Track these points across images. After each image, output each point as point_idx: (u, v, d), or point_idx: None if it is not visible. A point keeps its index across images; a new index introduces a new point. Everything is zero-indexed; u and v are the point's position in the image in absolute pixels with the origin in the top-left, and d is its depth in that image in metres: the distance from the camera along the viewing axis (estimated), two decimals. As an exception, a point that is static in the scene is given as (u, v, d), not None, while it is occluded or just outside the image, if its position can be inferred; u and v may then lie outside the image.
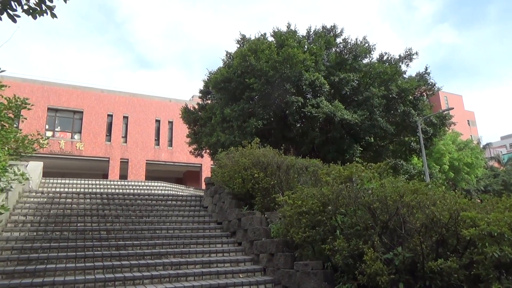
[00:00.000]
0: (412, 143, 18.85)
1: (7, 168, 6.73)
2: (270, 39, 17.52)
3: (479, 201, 5.45)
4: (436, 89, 18.16)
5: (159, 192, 15.57)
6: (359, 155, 15.85)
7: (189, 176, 35.18)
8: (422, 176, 21.04)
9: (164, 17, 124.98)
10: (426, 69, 18.13)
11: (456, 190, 5.73)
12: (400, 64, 18.03)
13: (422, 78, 17.93)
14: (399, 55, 18.25)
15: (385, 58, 18.40)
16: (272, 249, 6.54)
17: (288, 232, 6.39)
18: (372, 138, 16.33)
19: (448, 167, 31.94)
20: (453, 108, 23.77)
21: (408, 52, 18.14)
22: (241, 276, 6.43)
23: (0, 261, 5.78)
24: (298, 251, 6.23)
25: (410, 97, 17.12)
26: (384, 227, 5.35)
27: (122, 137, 30.78)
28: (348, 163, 7.77)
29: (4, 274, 5.40)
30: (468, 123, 60.97)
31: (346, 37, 17.88)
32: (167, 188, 17.27)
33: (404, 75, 18.00)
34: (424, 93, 18.33)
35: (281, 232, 6.79)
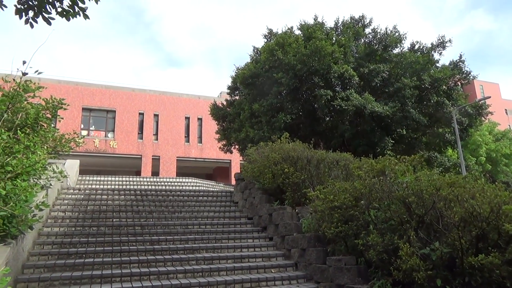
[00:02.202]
0: (447, 134, 18.19)
1: (47, 166, 7.01)
2: (297, 32, 17.35)
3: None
4: (471, 77, 17.42)
5: (190, 188, 15.80)
6: (391, 148, 15.47)
7: (219, 172, 35.54)
8: (457, 168, 20.30)
9: (191, 16, 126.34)
10: (461, 57, 17.43)
11: (496, 183, 5.47)
12: (432, 52, 17.42)
13: (456, 66, 17.24)
14: (432, 44, 17.63)
15: (416, 47, 17.84)
16: (303, 244, 6.50)
17: (319, 227, 6.32)
18: (404, 130, 15.88)
19: (485, 158, 30.71)
20: (489, 97, 22.71)
21: (441, 40, 17.49)
22: (273, 271, 6.43)
23: (42, 255, 6.03)
24: (331, 246, 6.16)
25: (444, 86, 16.52)
26: (420, 222, 5.19)
27: (153, 134, 31.46)
28: (380, 156, 7.58)
29: (46, 268, 5.64)
30: (506, 112, 58.22)
31: (375, 27, 17.45)
32: (197, 184, 17.51)
33: (437, 64, 17.38)
34: (458, 82, 17.62)
35: (312, 227, 6.73)
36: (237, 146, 18.98)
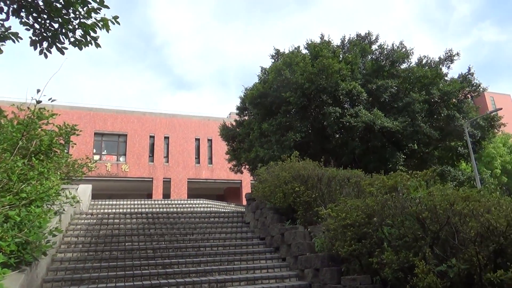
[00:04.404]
0: (459, 147, 17.97)
1: (60, 192, 7.09)
2: (304, 51, 17.53)
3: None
4: (481, 89, 17.31)
5: (201, 209, 15.78)
6: (403, 163, 15.31)
7: (229, 192, 35.47)
8: (472, 182, 19.94)
9: (199, 38, 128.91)
10: (469, 69, 17.38)
11: (512, 196, 5.37)
12: (440, 66, 17.40)
13: (465, 79, 17.17)
14: (439, 58, 17.64)
15: (424, 61, 17.85)
16: (317, 264, 6.40)
17: (333, 246, 6.23)
18: (415, 145, 15.74)
19: (500, 171, 30.15)
20: (501, 109, 22.49)
21: (449, 54, 17.50)
22: (287, 292, 6.32)
23: (56, 281, 6.04)
24: (345, 265, 6.06)
25: (454, 100, 16.43)
26: (435, 238, 5.09)
27: (164, 157, 31.70)
28: (392, 172, 7.51)
29: (59, 294, 5.64)
30: (520, 124, 57.37)
31: (382, 43, 17.56)
32: (209, 205, 17.48)
33: (446, 78, 17.33)
34: (468, 95, 17.52)
35: (325, 246, 6.64)
36: (247, 166, 18.97)
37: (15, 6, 5.27)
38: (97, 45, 5.61)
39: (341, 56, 16.97)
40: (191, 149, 32.70)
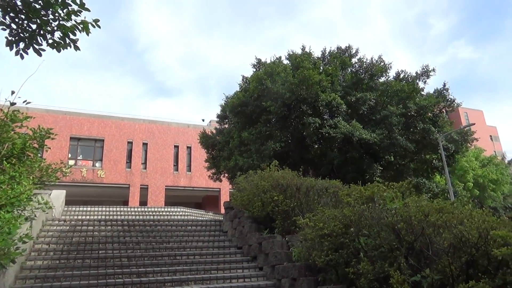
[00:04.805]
0: (434, 160, 18.44)
1: (32, 197, 6.87)
2: (286, 62, 17.72)
3: (507, 218, 5.23)
4: (455, 105, 17.87)
5: (179, 217, 15.57)
6: (379, 174, 15.58)
7: (208, 200, 35.17)
8: (446, 194, 20.46)
9: (181, 45, 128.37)
10: (444, 85, 17.95)
11: (484, 208, 5.53)
12: (417, 81, 17.90)
13: (440, 94, 17.71)
14: (416, 73, 18.15)
15: (401, 76, 18.31)
16: (294, 274, 6.39)
17: (310, 255, 6.25)
18: (392, 157, 16.06)
19: (472, 184, 31.01)
20: (474, 124, 23.25)
21: (425, 69, 18.01)
22: (263, 302, 6.28)
23: (24, 290, 5.82)
24: (321, 275, 6.07)
25: (429, 114, 16.89)
26: (410, 248, 5.18)
27: (141, 163, 31.20)
28: (369, 183, 7.62)
29: (27, 303, 5.43)
30: (491, 139, 59.43)
31: (362, 57, 17.94)
32: (186, 213, 17.27)
33: (422, 92, 17.83)
34: (443, 110, 18.04)
35: (302, 256, 6.65)
36: (226, 175, 18.89)
37: (-9, 5, 5.13)
38: (76, 48, 5.51)
39: (321, 67, 17.23)
40: (169, 156, 32.32)
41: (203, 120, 38.21)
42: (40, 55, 5.44)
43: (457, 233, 4.73)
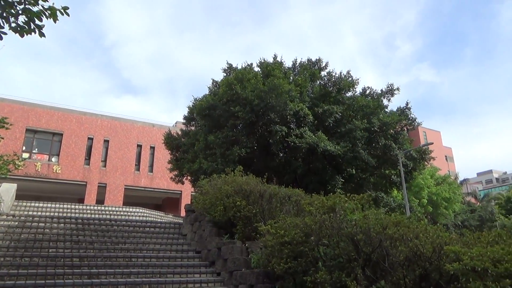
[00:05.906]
0: (393, 176, 19.05)
1: (-22, 188, 6.44)
2: (256, 69, 17.78)
3: (455, 235, 5.47)
4: (416, 124, 18.60)
5: (137, 218, 15.13)
6: (341, 186, 15.88)
7: (168, 202, 34.48)
8: (402, 209, 21.17)
9: (152, 44, 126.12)
10: (407, 104, 18.63)
11: (438, 224, 5.75)
12: (382, 98, 18.48)
13: (403, 112, 18.37)
14: (381, 90, 18.74)
15: (367, 92, 18.85)
16: (252, 281, 6.35)
17: (269, 262, 6.23)
18: (353, 170, 16.45)
19: (426, 201, 32.36)
20: (432, 143, 24.28)
21: (390, 88, 18.65)
22: (219, 308, 6.18)
23: (-38, 288, 5.41)
24: (279, 283, 6.07)
25: (391, 131, 17.46)
26: (367, 260, 5.28)
27: (101, 161, 30.17)
28: (331, 194, 7.74)
29: (-35, 302, 5.05)
30: (446, 159, 62.42)
31: (331, 71, 18.32)
32: (145, 214, 16.83)
33: (386, 109, 18.42)
34: (404, 128, 18.72)
35: (262, 263, 6.62)
36: (189, 177, 18.59)
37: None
38: (41, 34, 5.25)
39: (291, 77, 17.43)
40: (131, 155, 31.46)
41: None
42: (1, 38, 5.15)
43: (413, 247, 4.87)
